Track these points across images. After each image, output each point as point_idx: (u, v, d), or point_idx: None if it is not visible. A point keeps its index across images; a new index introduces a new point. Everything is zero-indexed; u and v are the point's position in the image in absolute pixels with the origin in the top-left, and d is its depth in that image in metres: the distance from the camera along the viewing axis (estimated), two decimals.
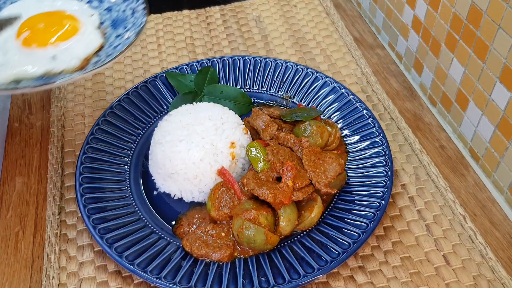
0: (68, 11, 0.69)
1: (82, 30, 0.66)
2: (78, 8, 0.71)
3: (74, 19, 0.67)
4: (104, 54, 0.67)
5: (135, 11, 0.71)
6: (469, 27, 0.70)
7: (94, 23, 0.68)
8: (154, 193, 0.72)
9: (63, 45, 0.63)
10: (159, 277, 0.59)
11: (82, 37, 0.65)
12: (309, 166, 0.67)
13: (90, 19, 0.69)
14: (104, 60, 0.63)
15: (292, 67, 0.84)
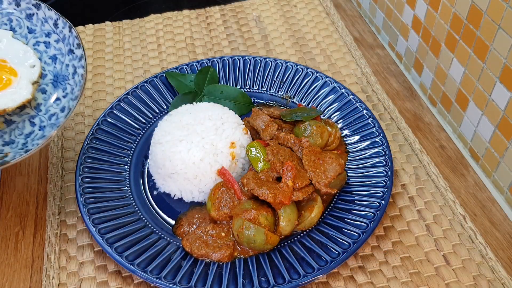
0: (9, 61, 0.67)
1: (15, 84, 0.65)
2: (23, 53, 0.68)
3: (11, 71, 0.66)
4: (38, 120, 0.67)
5: (76, 72, 0.69)
6: (469, 27, 0.70)
7: (31, 77, 0.66)
8: (154, 193, 0.72)
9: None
10: (159, 277, 0.59)
11: (13, 91, 0.65)
12: (309, 166, 0.67)
13: (29, 71, 0.67)
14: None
15: (292, 67, 0.84)
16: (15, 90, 0.65)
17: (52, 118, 0.67)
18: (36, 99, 0.69)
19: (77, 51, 0.69)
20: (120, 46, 0.95)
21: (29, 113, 0.68)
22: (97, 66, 0.91)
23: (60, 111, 0.67)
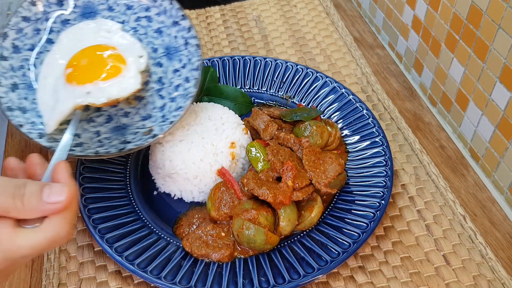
0: (119, 49, 0.66)
1: (124, 72, 0.64)
2: (130, 45, 0.68)
3: (121, 60, 0.65)
4: (165, 92, 0.69)
5: (188, 42, 0.70)
6: (469, 27, 0.70)
7: (139, 67, 0.66)
8: (154, 193, 0.72)
9: (101, 84, 0.62)
10: (159, 277, 0.59)
11: (122, 79, 0.63)
12: (309, 166, 0.67)
13: (137, 60, 0.66)
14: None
15: (292, 67, 0.84)
16: (124, 79, 0.63)
17: (179, 89, 0.68)
18: (156, 73, 0.70)
19: (183, 22, 0.70)
20: None
21: (154, 87, 0.69)
22: None
23: (185, 81, 0.69)
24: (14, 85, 0.65)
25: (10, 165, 0.47)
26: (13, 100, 0.64)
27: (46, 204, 0.41)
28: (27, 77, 0.66)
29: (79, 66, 0.63)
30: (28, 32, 0.68)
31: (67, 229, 0.42)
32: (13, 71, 0.66)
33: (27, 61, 0.67)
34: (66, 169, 0.44)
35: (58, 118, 0.61)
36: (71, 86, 0.61)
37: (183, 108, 0.66)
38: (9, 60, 0.66)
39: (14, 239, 0.40)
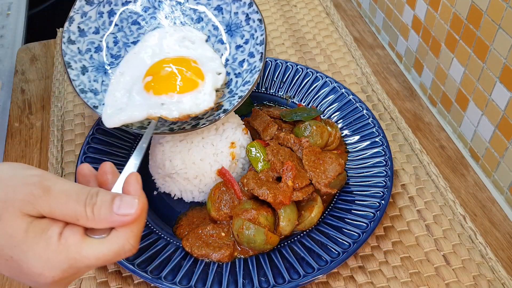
0: (199, 62, 0.67)
1: (200, 88, 0.64)
2: (212, 59, 0.69)
3: (200, 75, 0.65)
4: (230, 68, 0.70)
5: (250, 17, 0.71)
6: (469, 27, 0.70)
7: (216, 84, 0.66)
8: (154, 193, 0.72)
9: (176, 98, 0.63)
10: (159, 277, 0.59)
11: (197, 95, 0.64)
12: (309, 166, 0.67)
13: (215, 77, 0.66)
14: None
15: (292, 67, 0.84)
16: (199, 94, 0.64)
17: (243, 64, 0.70)
18: (219, 50, 0.72)
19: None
20: None
21: None
22: None
23: (249, 56, 0.70)
24: (84, 68, 0.68)
25: (83, 171, 0.47)
26: (84, 82, 0.67)
27: (115, 215, 0.41)
28: (94, 59, 0.69)
29: (159, 76, 0.64)
30: (92, 15, 0.70)
31: (132, 243, 0.42)
32: (80, 54, 0.68)
33: (93, 44, 0.70)
34: (138, 181, 0.44)
35: (125, 120, 0.62)
36: (147, 94, 0.63)
37: (251, 82, 0.67)
38: (77, 43, 0.68)
39: (81, 248, 0.40)
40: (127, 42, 0.72)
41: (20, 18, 1.10)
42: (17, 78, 0.92)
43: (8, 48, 1.02)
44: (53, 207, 0.40)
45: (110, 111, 0.63)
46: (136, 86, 0.65)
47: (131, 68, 0.68)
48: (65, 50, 0.67)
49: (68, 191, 0.41)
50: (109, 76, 0.69)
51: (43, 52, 0.96)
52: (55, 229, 0.40)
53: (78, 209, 0.40)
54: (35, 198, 0.39)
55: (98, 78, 0.68)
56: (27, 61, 0.95)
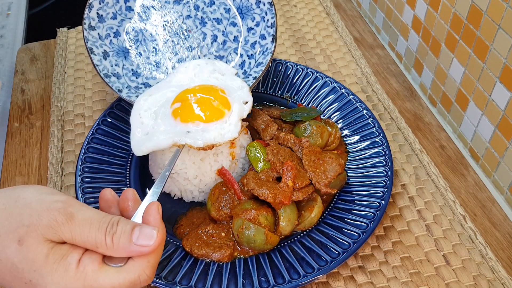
0: (227, 91, 0.68)
1: (226, 117, 0.65)
2: (240, 89, 0.70)
3: (226, 104, 0.66)
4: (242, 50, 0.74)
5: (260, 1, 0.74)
6: (469, 27, 0.70)
7: (242, 113, 0.67)
8: None
9: (202, 126, 0.64)
10: (159, 277, 0.59)
11: (223, 125, 0.65)
12: (309, 166, 0.67)
13: (241, 107, 0.67)
14: None
15: (292, 67, 0.84)
16: (225, 125, 0.65)
17: (255, 46, 0.74)
18: (231, 32, 0.76)
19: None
20: None
21: (231, 46, 0.75)
22: None
23: (260, 38, 0.74)
24: (105, 53, 0.72)
25: (106, 196, 0.48)
26: (107, 67, 0.71)
27: (134, 246, 0.42)
28: (114, 44, 0.73)
29: (186, 103, 0.65)
30: (109, 1, 0.73)
31: (148, 273, 0.43)
32: (101, 40, 0.72)
33: (111, 29, 0.74)
34: (158, 212, 0.45)
35: (152, 148, 0.64)
36: (174, 121, 0.64)
37: (264, 64, 0.72)
38: (97, 29, 0.72)
39: (98, 276, 0.41)
40: (144, 27, 0.76)
41: (20, 18, 1.10)
42: (17, 78, 0.92)
43: (8, 48, 1.02)
44: (75, 234, 0.41)
45: (138, 137, 0.66)
46: (163, 110, 0.67)
47: (160, 92, 0.70)
48: (87, 37, 0.71)
49: (91, 219, 0.42)
50: (129, 59, 0.74)
51: (43, 52, 0.96)
52: (75, 256, 0.41)
53: (99, 237, 0.41)
54: (58, 225, 0.40)
55: (119, 63, 0.73)
56: (27, 61, 0.95)
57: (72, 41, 0.97)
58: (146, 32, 0.76)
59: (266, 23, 0.74)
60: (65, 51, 0.95)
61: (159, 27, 0.76)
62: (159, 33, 0.77)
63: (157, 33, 0.76)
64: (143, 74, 0.75)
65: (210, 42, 0.77)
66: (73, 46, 0.96)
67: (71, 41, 0.97)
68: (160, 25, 0.76)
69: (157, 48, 0.76)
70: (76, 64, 0.92)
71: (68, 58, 0.93)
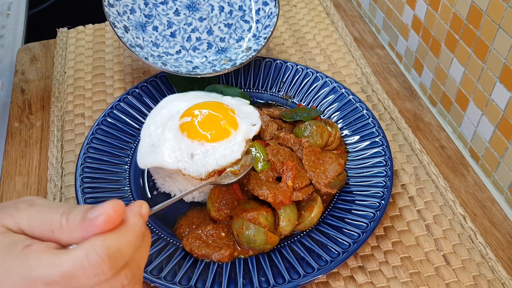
0: (237, 112, 0.69)
1: (231, 137, 0.66)
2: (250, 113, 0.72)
3: (234, 124, 0.67)
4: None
5: None
6: (469, 27, 0.70)
7: (248, 135, 0.68)
8: (154, 193, 0.72)
9: (206, 145, 0.65)
10: (159, 277, 0.59)
11: (227, 145, 0.65)
12: (309, 166, 0.67)
13: (249, 128, 0.68)
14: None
15: (292, 67, 0.84)
16: (229, 144, 0.66)
17: (259, 12, 0.84)
18: (236, 2, 0.85)
19: None
20: (120, 46, 0.95)
21: (238, 14, 0.84)
22: (97, 66, 0.91)
23: (263, 4, 0.83)
24: (125, 27, 0.78)
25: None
26: (130, 39, 0.77)
27: (87, 221, 0.36)
28: (131, 20, 0.80)
29: (195, 119, 0.66)
30: None
31: (99, 253, 0.34)
32: (120, 16, 0.79)
33: (127, 7, 0.80)
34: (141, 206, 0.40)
35: (156, 164, 0.65)
36: (181, 135, 0.66)
37: (271, 26, 0.81)
38: (115, 6, 0.79)
39: (39, 255, 0.35)
40: (156, 2, 0.83)
41: (20, 18, 1.10)
42: (17, 78, 0.92)
43: (8, 48, 1.02)
44: (32, 219, 0.37)
45: (144, 149, 0.67)
46: (171, 122, 0.68)
47: (171, 105, 0.72)
48: (108, 13, 0.77)
49: (51, 204, 0.38)
50: (147, 33, 0.81)
51: (43, 52, 0.96)
52: (25, 241, 0.36)
53: (54, 218, 0.37)
54: (17, 211, 0.37)
55: (139, 35, 0.80)
56: (27, 61, 0.95)
57: (72, 41, 0.97)
58: (159, 7, 0.83)
59: (264, 14, 0.83)
60: (65, 51, 0.95)
61: (170, 2, 0.84)
62: (171, 7, 0.84)
63: (169, 7, 0.84)
64: (162, 45, 0.81)
65: (218, 13, 0.85)
66: (73, 46, 0.96)
67: (71, 41, 0.97)
68: (170, 1, 0.84)
69: (170, 21, 0.83)
70: (76, 64, 0.92)
71: (68, 58, 0.93)
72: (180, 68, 0.78)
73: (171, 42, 0.81)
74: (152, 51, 0.79)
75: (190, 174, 0.64)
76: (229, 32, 0.84)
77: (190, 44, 0.82)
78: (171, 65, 0.78)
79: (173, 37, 0.82)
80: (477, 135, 0.75)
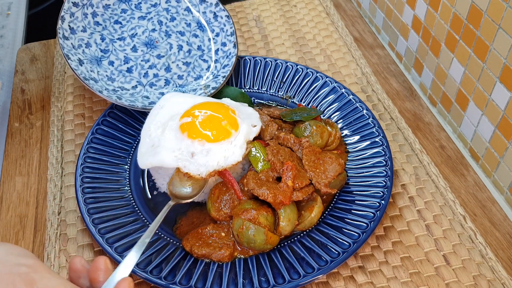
0: (237, 112, 0.69)
1: (232, 138, 0.66)
2: (250, 114, 0.71)
3: (235, 125, 0.67)
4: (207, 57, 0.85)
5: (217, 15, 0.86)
6: (469, 27, 0.70)
7: (249, 136, 0.67)
8: (154, 193, 0.72)
9: (207, 146, 0.65)
10: (159, 277, 0.59)
11: (228, 146, 0.65)
12: (309, 166, 0.67)
13: (249, 129, 0.68)
14: None
15: (292, 67, 0.84)
16: (230, 146, 0.65)
17: (218, 52, 0.85)
18: (195, 42, 0.85)
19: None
20: None
21: (196, 54, 0.85)
22: None
23: (222, 45, 0.85)
24: (80, 60, 0.77)
25: (74, 266, 0.44)
26: (84, 72, 0.76)
27: None
28: (87, 53, 0.79)
29: (195, 120, 0.66)
30: (79, 16, 0.80)
31: None
32: (74, 49, 0.78)
33: (82, 41, 0.79)
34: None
35: (156, 164, 0.65)
36: (181, 135, 0.65)
37: (229, 65, 0.82)
38: (70, 39, 0.78)
39: None
40: (113, 38, 0.82)
41: (20, 18, 1.10)
42: (17, 78, 0.92)
43: (8, 48, 1.02)
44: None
45: (144, 149, 0.67)
46: (171, 122, 0.68)
47: (171, 103, 0.71)
48: (62, 45, 0.76)
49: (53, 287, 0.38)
50: (103, 67, 0.79)
51: (43, 52, 0.96)
52: None
53: None
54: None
55: (94, 69, 0.78)
56: (27, 61, 0.95)
57: None
58: (116, 43, 0.82)
59: (225, 33, 0.84)
60: None
61: (128, 38, 0.83)
62: (128, 44, 0.83)
63: (126, 43, 0.83)
64: (117, 79, 0.79)
65: (177, 51, 0.84)
66: None
67: None
68: (128, 37, 0.83)
69: (127, 57, 0.82)
70: None
71: None
72: (136, 102, 0.76)
73: (127, 77, 0.80)
74: (107, 85, 0.77)
75: (190, 172, 0.64)
76: (188, 70, 0.83)
77: (147, 80, 0.81)
78: (127, 99, 0.76)
79: (130, 73, 0.80)
80: (477, 135, 0.75)
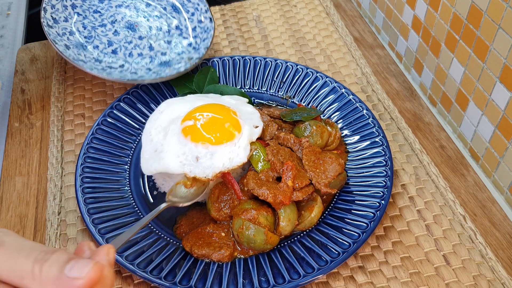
0: (239, 114, 0.69)
1: (236, 140, 0.66)
2: (251, 114, 0.71)
3: (237, 127, 0.66)
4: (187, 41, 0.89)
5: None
6: (469, 27, 0.70)
7: (252, 137, 0.67)
8: (154, 193, 0.72)
9: (211, 148, 0.64)
10: (159, 277, 0.59)
11: (232, 148, 0.65)
12: (309, 166, 0.67)
13: (252, 130, 0.68)
14: None
15: (292, 67, 0.84)
16: (234, 148, 0.65)
17: (196, 29, 0.89)
18: (173, 22, 0.90)
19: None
20: None
21: (175, 32, 0.89)
22: None
23: (198, 22, 0.89)
24: (66, 46, 0.79)
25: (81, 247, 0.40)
26: (72, 55, 0.78)
27: (64, 277, 0.34)
28: (71, 40, 0.81)
29: (197, 123, 0.66)
30: (59, 7, 0.83)
31: None
32: (59, 36, 0.80)
33: (66, 29, 0.82)
34: (107, 254, 0.38)
35: (161, 170, 0.65)
36: (184, 139, 0.65)
37: (209, 38, 0.86)
38: (54, 28, 0.80)
39: None
40: (94, 26, 0.85)
41: (20, 18, 1.10)
42: (17, 78, 0.92)
43: (8, 48, 1.02)
44: (0, 263, 0.34)
45: (147, 155, 0.67)
46: (173, 126, 0.67)
47: (171, 108, 0.71)
48: (48, 32, 0.78)
49: (22, 245, 0.35)
50: (88, 51, 0.82)
51: (43, 52, 0.96)
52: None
53: (25, 265, 0.34)
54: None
55: (81, 53, 0.80)
56: (27, 61, 0.95)
57: None
58: (97, 29, 0.85)
59: (200, 11, 0.89)
60: None
61: (108, 25, 0.86)
62: (110, 29, 0.86)
63: (107, 29, 0.86)
64: (104, 60, 0.82)
65: (156, 32, 0.89)
66: None
67: None
68: (108, 24, 0.87)
69: (110, 41, 0.85)
70: None
71: None
72: (125, 78, 0.78)
73: (113, 58, 0.83)
74: (95, 66, 0.79)
75: (196, 175, 0.64)
76: (170, 47, 0.87)
77: (132, 59, 0.84)
78: (116, 76, 0.78)
79: (115, 54, 0.83)
80: (477, 135, 0.75)
